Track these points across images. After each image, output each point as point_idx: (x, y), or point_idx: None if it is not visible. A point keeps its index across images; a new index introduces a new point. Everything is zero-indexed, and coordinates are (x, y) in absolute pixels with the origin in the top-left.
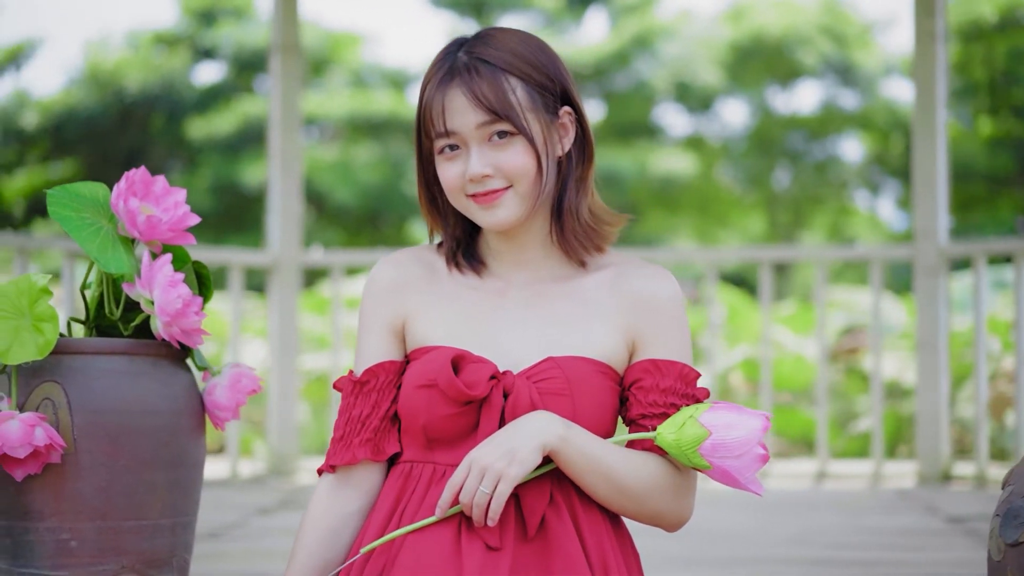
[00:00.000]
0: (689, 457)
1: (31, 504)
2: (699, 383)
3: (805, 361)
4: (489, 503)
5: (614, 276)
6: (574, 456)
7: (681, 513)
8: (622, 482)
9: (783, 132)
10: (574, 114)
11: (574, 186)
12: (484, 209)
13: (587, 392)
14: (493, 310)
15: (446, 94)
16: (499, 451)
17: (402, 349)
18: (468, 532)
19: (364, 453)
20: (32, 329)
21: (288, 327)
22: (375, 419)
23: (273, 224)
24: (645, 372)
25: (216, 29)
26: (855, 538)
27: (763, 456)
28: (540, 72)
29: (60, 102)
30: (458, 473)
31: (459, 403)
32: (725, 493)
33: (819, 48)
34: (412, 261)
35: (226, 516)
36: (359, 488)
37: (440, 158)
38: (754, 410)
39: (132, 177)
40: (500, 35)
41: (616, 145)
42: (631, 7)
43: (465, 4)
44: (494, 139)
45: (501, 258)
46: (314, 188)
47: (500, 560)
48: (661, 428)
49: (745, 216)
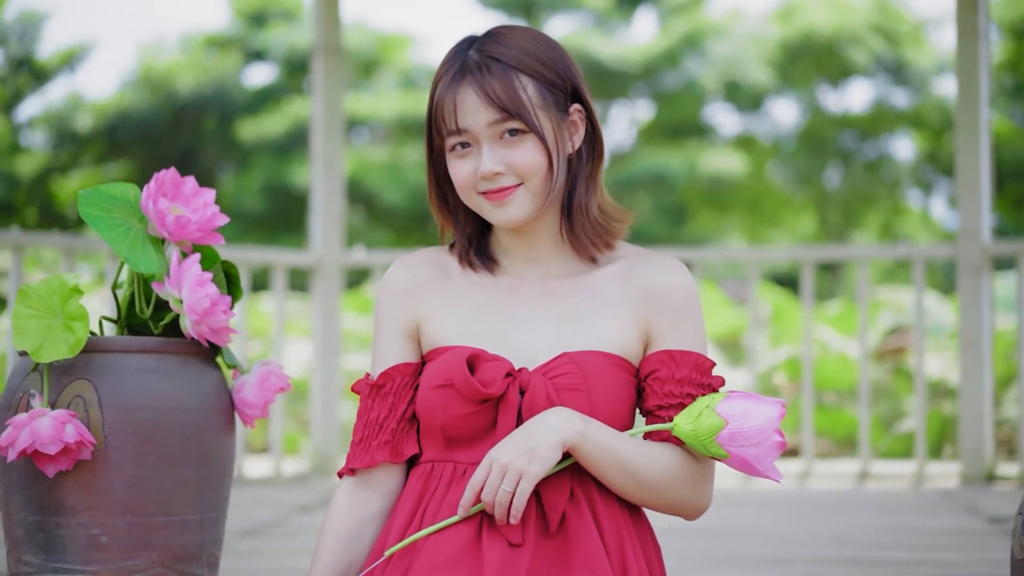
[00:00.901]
0: (707, 447)
1: (62, 500)
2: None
3: (849, 361)
4: (511, 501)
5: (625, 269)
6: (593, 451)
7: (700, 502)
8: (641, 474)
9: (834, 131)
10: (584, 111)
11: (584, 183)
12: (495, 206)
13: (603, 386)
14: (506, 308)
15: (457, 92)
16: (519, 449)
17: (417, 351)
18: (489, 529)
19: (383, 455)
20: (63, 328)
21: (331, 327)
22: (392, 421)
23: (316, 225)
24: (660, 363)
25: (267, 31)
26: (894, 538)
27: (780, 443)
28: (550, 70)
29: (114, 105)
30: (479, 472)
31: (476, 402)
32: (766, 493)
33: (870, 46)
34: (425, 263)
35: (267, 514)
36: (379, 490)
37: (451, 156)
38: (770, 398)
39: (162, 178)
40: (511, 33)
41: (666, 145)
42: (680, 6)
43: (514, 4)
44: (505, 137)
45: (512, 255)
46: (364, 189)
47: (520, 556)
48: (678, 419)
49: (796, 216)
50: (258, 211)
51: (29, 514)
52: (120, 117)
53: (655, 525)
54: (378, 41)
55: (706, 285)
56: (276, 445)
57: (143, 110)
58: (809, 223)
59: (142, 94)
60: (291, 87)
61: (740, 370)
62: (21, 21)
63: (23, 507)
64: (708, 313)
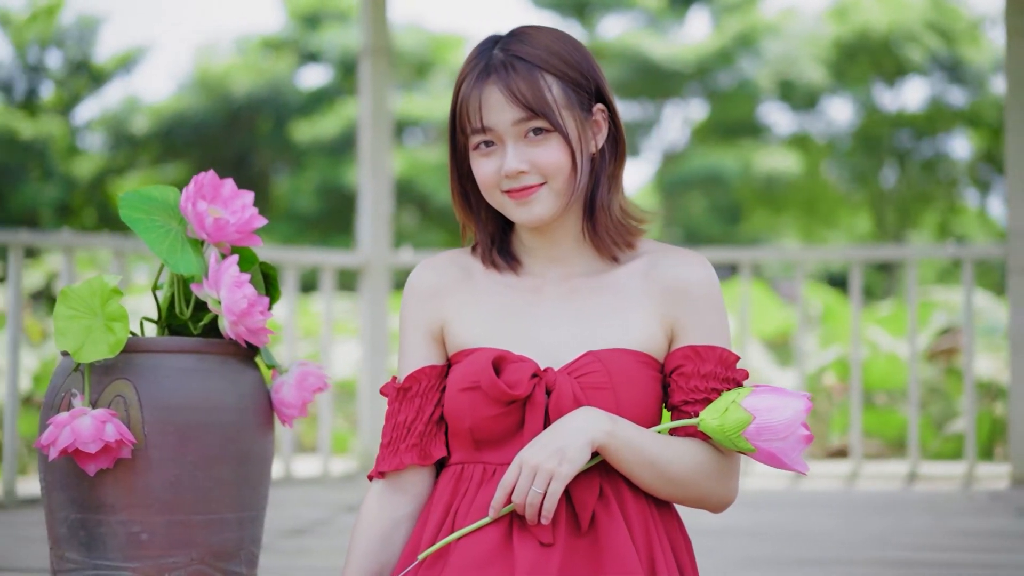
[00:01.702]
0: (734, 441)
1: (103, 498)
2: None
3: (900, 361)
4: (542, 502)
5: (647, 265)
6: (621, 449)
7: (726, 495)
8: (668, 470)
9: (890, 130)
10: (607, 111)
11: (606, 182)
12: (519, 205)
13: (629, 383)
14: (530, 307)
15: (483, 90)
16: (548, 450)
17: (443, 353)
18: (520, 530)
19: (411, 458)
20: (104, 328)
21: (378, 327)
22: (420, 424)
23: (364, 225)
24: (685, 358)
25: (321, 33)
26: (941, 540)
27: (807, 437)
28: (575, 69)
29: (170, 107)
30: (509, 474)
31: (503, 403)
32: (814, 495)
33: (926, 44)
34: (448, 265)
35: (314, 513)
36: (408, 493)
37: (475, 154)
38: (795, 391)
39: (201, 180)
40: (535, 33)
41: (720, 144)
42: (734, 5)
43: (567, 4)
44: (530, 136)
45: (535, 255)
46: (417, 190)
47: (552, 556)
48: (704, 414)
49: (851, 216)
50: (312, 212)
51: (71, 512)
52: (176, 119)
53: (691, 524)
54: (431, 42)
55: (757, 285)
56: (324, 445)
57: (199, 112)
58: (865, 223)
59: (198, 96)
60: (345, 88)
61: (789, 370)
62: (79, 25)
63: (65, 505)
64: (759, 313)
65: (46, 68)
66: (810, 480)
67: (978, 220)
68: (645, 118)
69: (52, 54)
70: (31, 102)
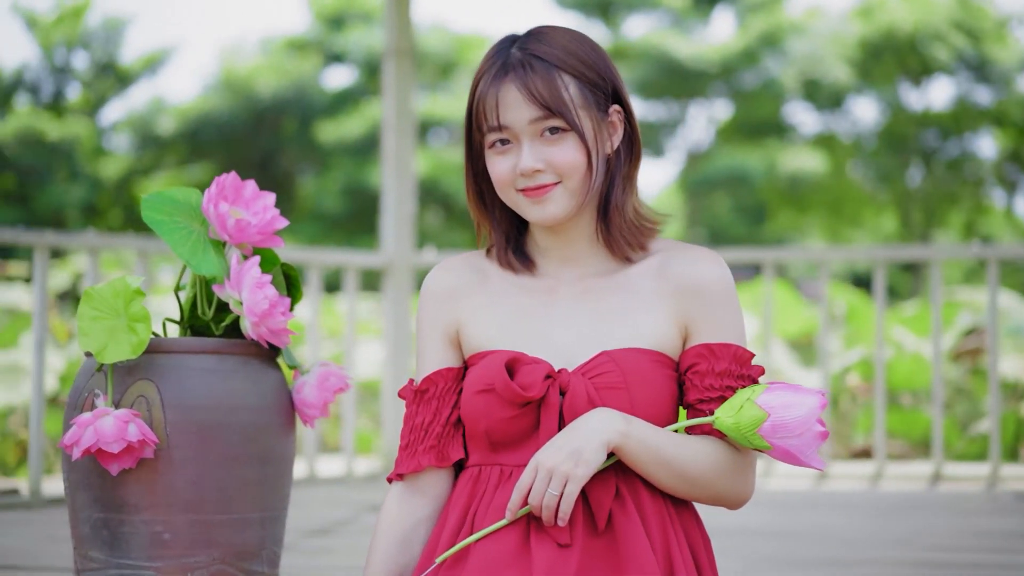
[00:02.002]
0: (749, 439)
1: (126, 497)
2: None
3: (925, 361)
4: (558, 504)
5: (659, 263)
6: (637, 449)
7: (742, 492)
8: (684, 469)
9: (916, 129)
10: (623, 112)
11: (621, 183)
12: (533, 204)
13: (643, 383)
14: (544, 308)
15: (500, 88)
16: (564, 452)
17: (459, 355)
18: (537, 531)
19: (429, 460)
20: (127, 329)
21: (402, 327)
22: (437, 426)
23: (387, 226)
24: (700, 357)
25: (346, 33)
26: (964, 541)
27: (823, 433)
28: (592, 70)
29: (195, 108)
30: (525, 476)
31: (517, 405)
32: (837, 495)
33: (952, 43)
34: (463, 267)
35: (338, 513)
36: (427, 494)
37: (491, 152)
38: (810, 388)
39: (222, 182)
40: (553, 32)
41: (744, 144)
42: (759, 4)
43: (591, 5)
44: (546, 135)
45: (549, 255)
46: (441, 190)
47: (569, 557)
48: (719, 412)
49: (877, 215)
50: (338, 212)
51: (94, 511)
52: (201, 120)
53: (713, 525)
54: (456, 43)
55: (781, 285)
56: (348, 445)
57: (224, 113)
58: (890, 222)
59: (223, 97)
60: (370, 89)
61: (813, 371)
62: (105, 26)
63: (88, 504)
64: (783, 313)
65: (73, 69)
66: (834, 480)
67: (1005, 220)
68: (669, 118)
69: (78, 55)
70: (58, 103)
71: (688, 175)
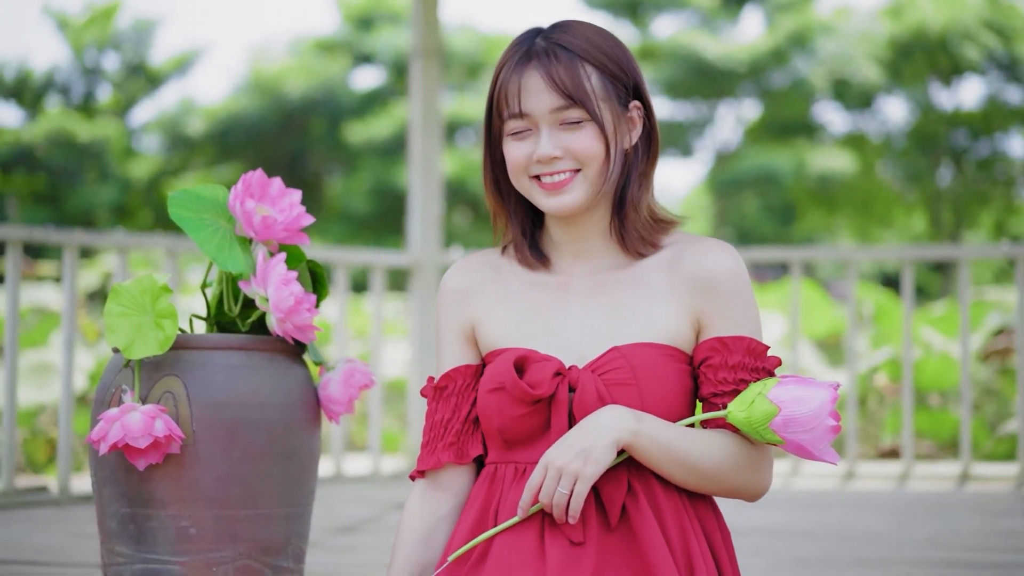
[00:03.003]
0: (761, 433)
1: (153, 493)
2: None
3: (953, 362)
4: (568, 502)
5: (671, 256)
6: (648, 447)
7: (759, 485)
8: (698, 465)
9: (946, 129)
10: (643, 110)
11: (637, 180)
12: (549, 195)
13: (654, 378)
14: (557, 305)
15: (523, 75)
16: (573, 451)
17: (477, 353)
18: (551, 529)
19: (448, 457)
20: (154, 325)
21: (428, 327)
22: (456, 423)
23: (414, 225)
24: (712, 350)
25: (374, 34)
26: (992, 541)
27: (835, 427)
28: (614, 63)
29: (225, 108)
30: (535, 474)
31: (527, 403)
32: (864, 495)
33: (983, 42)
34: (478, 265)
35: (364, 511)
36: (449, 490)
37: (509, 139)
38: (823, 381)
39: (249, 179)
40: (577, 25)
41: (773, 144)
42: (788, 4)
43: (620, 5)
44: (566, 124)
45: (562, 250)
46: (469, 190)
47: (585, 554)
48: (732, 406)
49: (907, 215)
50: (365, 212)
51: (121, 506)
52: (231, 121)
53: (740, 524)
54: (483, 43)
55: (808, 285)
56: (375, 443)
57: (253, 114)
58: (920, 222)
59: (252, 98)
60: (398, 89)
61: (841, 370)
62: (135, 28)
63: (115, 499)
64: (810, 313)
65: (103, 71)
66: (861, 480)
67: None
68: (698, 118)
69: (109, 56)
70: (88, 104)
71: (716, 175)
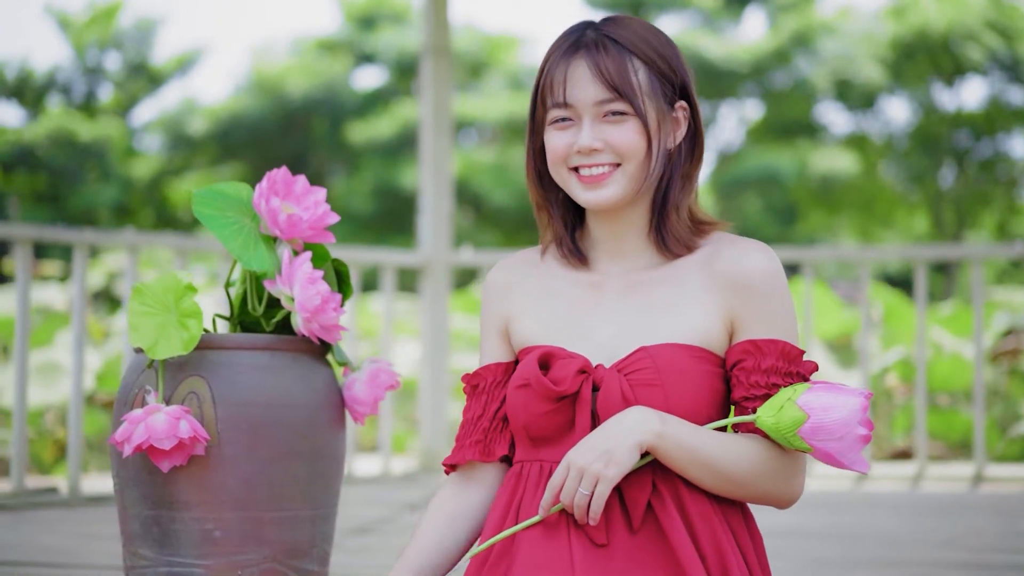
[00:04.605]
0: (789, 440)
1: (177, 494)
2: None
3: (963, 362)
4: (589, 503)
5: (707, 256)
6: (672, 450)
7: (790, 492)
8: (724, 469)
9: (948, 130)
10: (689, 111)
11: (679, 181)
12: (587, 188)
13: (680, 380)
14: (590, 303)
15: (570, 64)
16: (595, 452)
17: (512, 349)
18: (575, 530)
19: (473, 454)
20: (178, 325)
21: (439, 326)
22: (485, 420)
23: (424, 225)
24: (745, 353)
25: (376, 34)
26: (1011, 542)
27: (865, 436)
28: (663, 61)
29: (226, 108)
30: (557, 474)
31: (552, 400)
32: (879, 496)
33: (985, 43)
34: (519, 264)
35: (376, 512)
36: (481, 483)
37: (551, 128)
38: (855, 388)
39: (274, 177)
40: (630, 20)
41: (776, 144)
42: (791, 4)
43: (622, 4)
44: (609, 116)
45: (600, 248)
46: (472, 190)
47: (612, 556)
48: (761, 411)
49: (909, 216)
50: (368, 213)
51: (144, 508)
52: (232, 120)
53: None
54: (486, 43)
55: (818, 286)
56: (385, 444)
57: (255, 113)
58: (922, 223)
59: (254, 97)
60: (400, 89)
61: (852, 372)
62: (137, 27)
63: (138, 501)
64: (820, 314)
65: (105, 70)
66: (874, 481)
67: None
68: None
69: (111, 56)
70: (90, 104)
71: (719, 175)
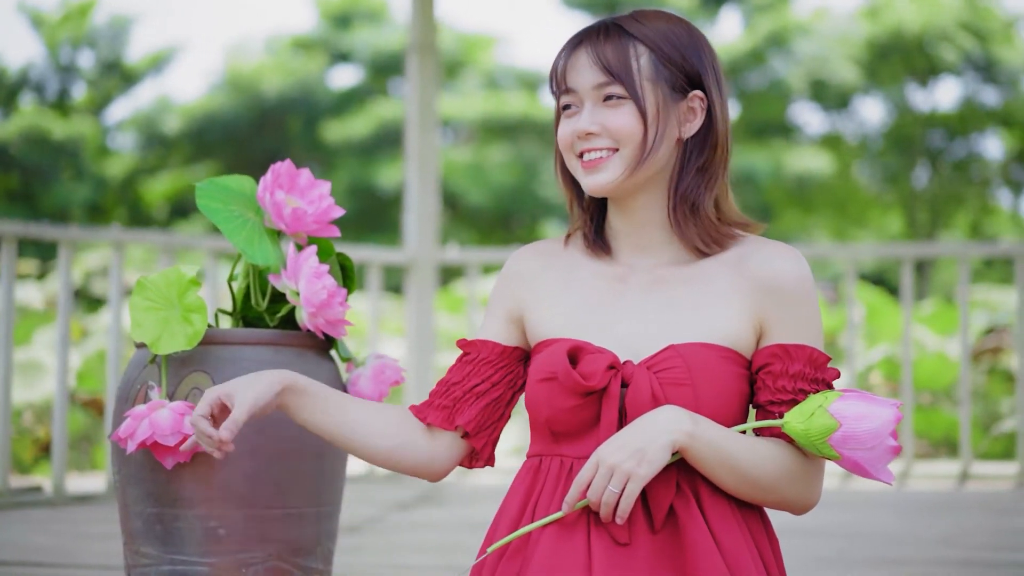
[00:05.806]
0: (818, 447)
1: (180, 492)
2: (837, 383)
3: (946, 360)
4: (618, 502)
5: (737, 257)
6: (703, 450)
7: (809, 498)
8: (750, 473)
9: (922, 130)
10: (707, 102)
11: (695, 174)
12: (587, 173)
13: (710, 380)
14: (614, 297)
15: (572, 52)
16: (628, 450)
17: (515, 337)
18: (596, 528)
19: (435, 418)
20: (181, 320)
21: (425, 324)
22: (459, 390)
23: (410, 223)
24: (773, 357)
25: (352, 33)
26: (1005, 539)
27: (895, 447)
28: (674, 48)
29: (201, 107)
30: (585, 470)
31: (579, 395)
32: (867, 494)
33: (959, 44)
34: (543, 251)
35: (365, 510)
36: (430, 438)
37: (562, 116)
38: (886, 399)
39: (278, 170)
40: (651, 12)
41: (751, 144)
42: (766, 5)
43: (598, 4)
44: (608, 101)
45: (623, 240)
46: (448, 189)
47: (633, 555)
48: (789, 416)
49: (883, 216)
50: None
51: (147, 506)
52: (207, 119)
53: None
54: (463, 42)
55: None
56: None
57: (230, 112)
58: (896, 223)
59: (229, 96)
60: (376, 88)
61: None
62: (111, 25)
63: (141, 499)
64: None
65: (78, 68)
66: (859, 479)
67: (1011, 221)
68: None
69: (84, 54)
70: (63, 102)
71: None
